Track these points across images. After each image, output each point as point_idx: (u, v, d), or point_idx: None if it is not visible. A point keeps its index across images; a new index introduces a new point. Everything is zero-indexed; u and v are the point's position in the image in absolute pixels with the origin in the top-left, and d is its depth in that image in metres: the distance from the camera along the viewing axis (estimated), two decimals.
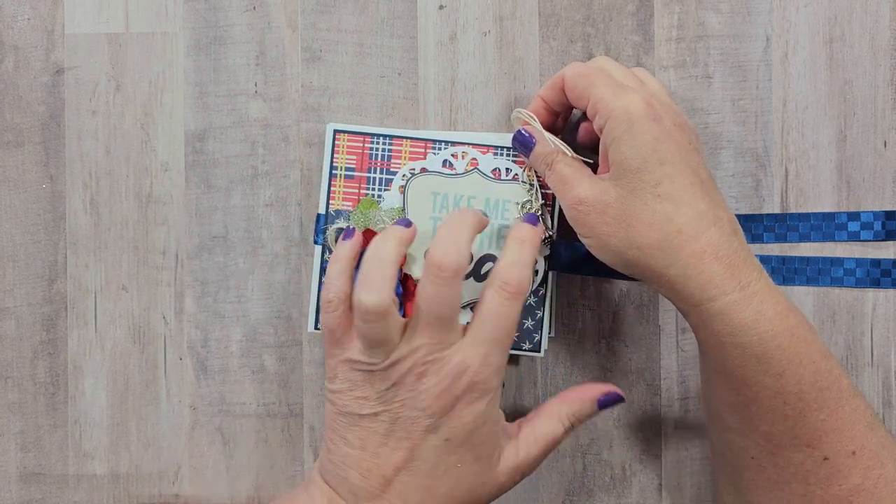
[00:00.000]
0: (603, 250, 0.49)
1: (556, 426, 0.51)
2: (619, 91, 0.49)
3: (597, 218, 0.48)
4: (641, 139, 0.47)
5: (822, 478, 0.47)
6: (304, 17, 0.59)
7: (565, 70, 0.52)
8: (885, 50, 0.59)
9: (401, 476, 0.47)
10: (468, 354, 0.47)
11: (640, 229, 0.47)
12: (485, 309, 0.48)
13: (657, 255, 0.47)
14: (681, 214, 0.47)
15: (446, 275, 0.46)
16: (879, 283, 0.58)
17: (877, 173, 0.59)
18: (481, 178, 0.56)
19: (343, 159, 0.57)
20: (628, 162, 0.47)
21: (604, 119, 0.48)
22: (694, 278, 0.46)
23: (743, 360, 0.46)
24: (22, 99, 0.59)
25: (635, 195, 0.47)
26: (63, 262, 0.59)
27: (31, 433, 0.60)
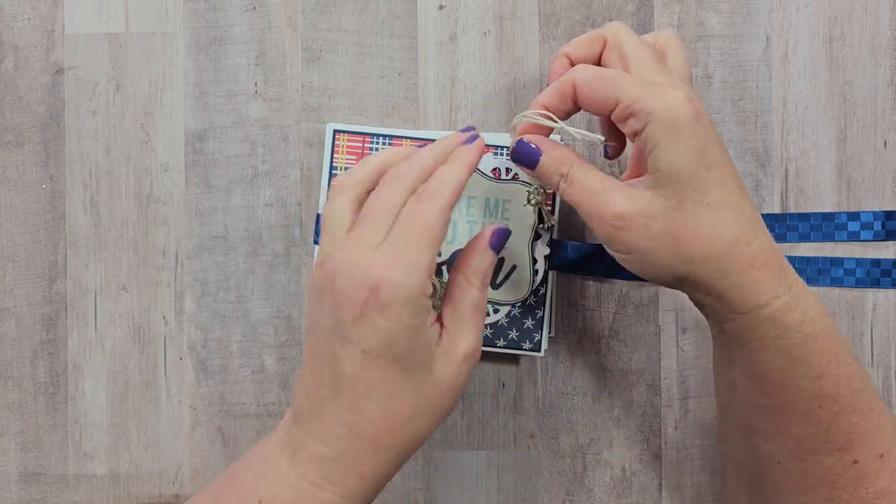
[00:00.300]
0: (645, 266, 0.45)
1: (472, 291, 0.46)
2: (655, 87, 0.44)
3: (638, 233, 0.44)
4: (688, 144, 0.43)
5: (850, 481, 0.46)
6: (304, 17, 0.59)
7: (575, 75, 0.47)
8: (885, 50, 0.59)
9: (330, 394, 0.44)
10: (376, 257, 0.42)
11: (692, 243, 0.44)
12: (401, 213, 0.44)
13: (712, 267, 0.44)
14: (735, 221, 0.44)
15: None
16: (879, 283, 0.58)
17: (877, 173, 0.59)
18: (481, 177, 0.56)
19: (343, 159, 0.57)
20: (675, 170, 0.43)
21: (642, 122, 0.44)
22: (748, 286, 0.44)
23: (785, 363, 0.45)
24: (22, 99, 0.59)
25: (684, 206, 0.44)
26: (63, 262, 0.59)
27: (31, 433, 0.60)
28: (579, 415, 0.59)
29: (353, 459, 0.44)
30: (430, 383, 0.44)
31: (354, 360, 0.43)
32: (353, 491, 0.44)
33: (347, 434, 0.43)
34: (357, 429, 0.43)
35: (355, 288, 0.42)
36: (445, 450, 0.59)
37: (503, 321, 0.57)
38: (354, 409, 0.43)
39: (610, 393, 0.59)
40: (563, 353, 0.59)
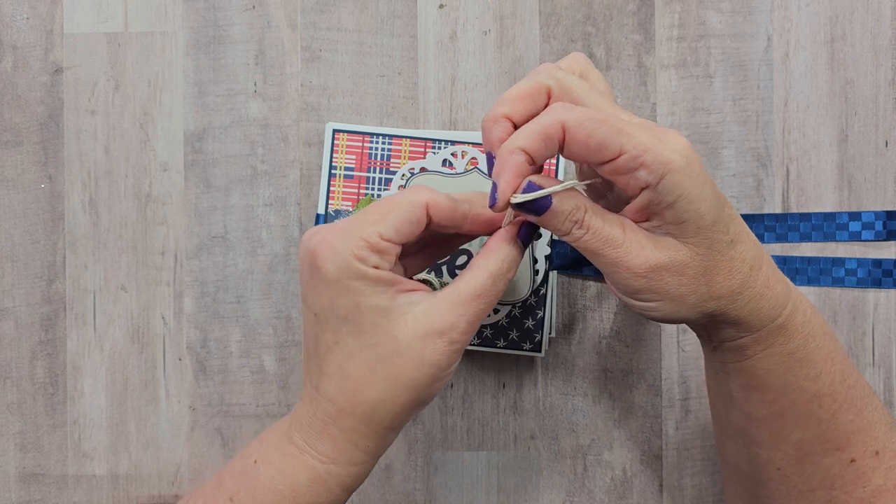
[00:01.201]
0: (673, 313, 0.44)
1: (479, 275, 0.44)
2: (659, 133, 0.41)
3: (673, 281, 0.42)
4: (708, 189, 0.41)
5: (848, 481, 0.47)
6: (303, 17, 0.59)
7: (563, 115, 0.41)
8: (886, 49, 0.59)
9: (306, 357, 0.46)
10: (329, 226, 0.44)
11: (719, 280, 0.43)
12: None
13: (737, 299, 0.44)
14: (749, 250, 0.44)
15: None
16: (881, 283, 0.58)
17: (878, 173, 0.58)
18: (481, 177, 0.56)
19: (342, 159, 0.57)
20: (703, 218, 0.41)
21: (657, 175, 0.40)
22: (765, 307, 0.44)
23: (787, 367, 0.45)
24: (21, 98, 0.59)
25: (714, 249, 0.42)
26: (62, 262, 0.59)
27: (30, 433, 0.59)
28: (580, 415, 0.59)
29: (321, 422, 0.44)
30: (391, 350, 0.43)
31: (311, 324, 0.44)
32: (327, 455, 0.44)
33: (316, 395, 0.44)
34: (321, 391, 0.44)
35: (303, 254, 0.44)
36: (445, 450, 0.59)
37: (503, 321, 0.57)
38: (318, 371, 0.44)
39: (610, 394, 0.59)
40: (564, 354, 0.59)
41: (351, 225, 0.43)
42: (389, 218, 0.43)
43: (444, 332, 0.43)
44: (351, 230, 0.42)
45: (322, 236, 0.43)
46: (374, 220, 0.43)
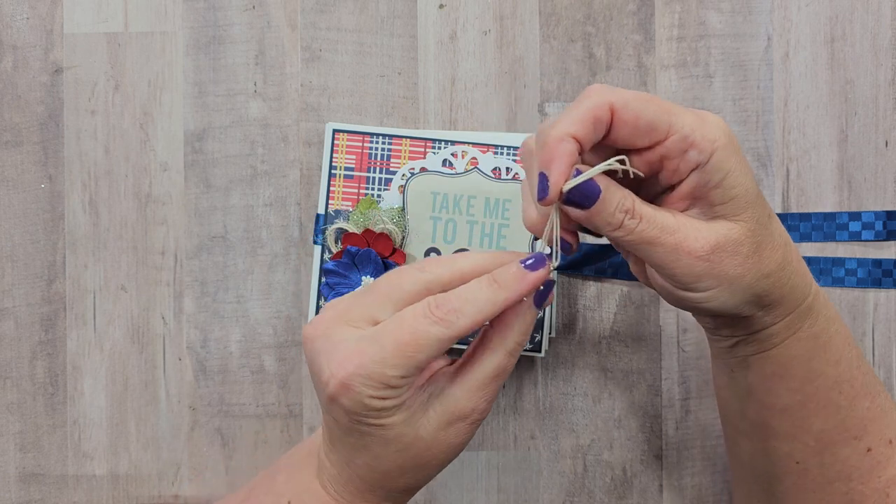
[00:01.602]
0: (729, 297, 0.42)
1: (498, 355, 0.43)
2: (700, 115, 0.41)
3: (731, 261, 0.41)
4: (748, 165, 0.41)
5: (864, 472, 0.47)
6: (303, 17, 0.59)
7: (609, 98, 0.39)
8: (886, 49, 0.59)
9: (330, 435, 0.45)
10: (340, 347, 0.42)
11: (767, 255, 0.42)
12: (399, 315, 0.42)
13: (781, 275, 0.43)
14: (779, 226, 0.44)
15: None
16: (881, 283, 0.58)
17: (878, 173, 0.58)
18: (481, 177, 0.56)
19: (342, 159, 0.57)
20: (749, 193, 0.41)
21: (706, 153, 0.40)
22: (798, 284, 0.44)
23: (813, 353, 0.45)
24: (21, 98, 0.59)
25: (760, 223, 0.42)
26: (62, 262, 0.59)
27: (30, 433, 0.59)
28: (580, 415, 0.59)
29: (357, 489, 0.45)
30: (417, 448, 0.44)
31: (335, 426, 0.44)
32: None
33: (348, 469, 0.45)
34: (353, 471, 0.45)
35: (320, 382, 0.42)
36: None
37: None
38: (347, 455, 0.45)
39: (610, 393, 0.59)
40: (564, 354, 0.59)
41: (370, 366, 0.41)
42: (413, 359, 0.41)
43: (467, 416, 0.44)
44: (370, 372, 0.41)
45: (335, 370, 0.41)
46: (396, 362, 0.41)
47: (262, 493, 0.48)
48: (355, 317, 0.42)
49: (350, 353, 0.41)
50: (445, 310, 0.41)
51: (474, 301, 0.41)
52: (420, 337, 0.40)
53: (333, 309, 0.44)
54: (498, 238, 0.56)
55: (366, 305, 0.43)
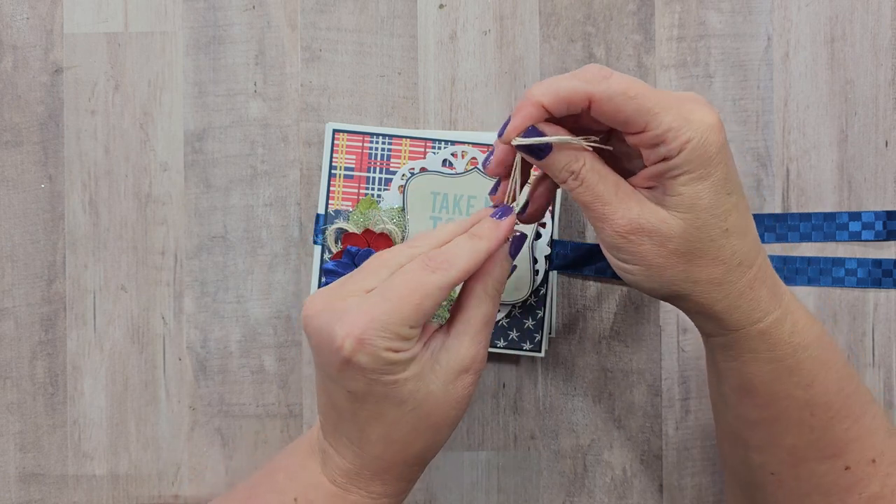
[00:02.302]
0: (648, 280, 0.44)
1: (487, 303, 0.46)
2: (686, 111, 0.42)
3: (652, 249, 0.43)
4: (717, 172, 0.42)
5: (843, 488, 0.47)
6: (303, 17, 0.59)
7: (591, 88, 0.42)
8: (886, 49, 0.58)
9: (338, 419, 0.45)
10: (349, 308, 0.43)
11: (701, 265, 0.43)
12: (398, 272, 0.44)
13: (713, 290, 0.44)
14: (743, 245, 0.44)
15: None
16: (881, 283, 0.58)
17: (878, 173, 0.58)
18: (481, 177, 0.56)
19: (342, 159, 0.57)
20: (700, 197, 0.42)
21: (675, 151, 0.42)
22: (743, 307, 0.44)
23: (775, 375, 0.45)
24: (21, 98, 0.59)
25: (701, 230, 0.43)
26: (62, 262, 0.59)
27: (30, 433, 0.59)
28: (580, 415, 0.59)
29: (371, 472, 0.46)
30: (429, 405, 0.45)
31: (345, 398, 0.44)
32: (379, 493, 0.46)
33: (361, 454, 0.45)
34: (366, 451, 0.45)
35: (331, 348, 0.43)
36: (445, 450, 0.59)
37: (503, 321, 0.57)
38: (360, 435, 0.45)
39: (610, 393, 0.59)
40: (564, 354, 0.59)
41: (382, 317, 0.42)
42: (420, 308, 0.43)
43: (469, 366, 0.45)
44: (384, 325, 0.42)
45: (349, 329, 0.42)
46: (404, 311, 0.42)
47: (265, 491, 0.47)
48: (353, 290, 0.44)
49: (360, 310, 0.42)
50: (439, 260, 0.43)
51: (462, 252, 0.44)
52: (422, 285, 0.42)
53: (328, 288, 0.45)
54: None
55: (360, 280, 0.44)
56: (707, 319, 0.45)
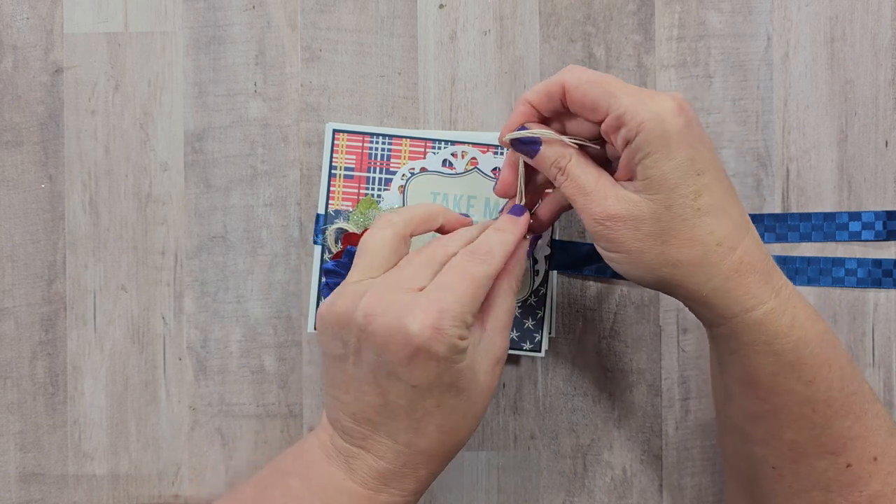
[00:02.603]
0: (632, 267, 0.46)
1: (510, 298, 0.49)
2: (645, 97, 0.45)
3: (628, 234, 0.45)
4: (679, 152, 0.44)
5: (844, 485, 0.47)
6: (303, 17, 0.59)
7: (564, 77, 0.46)
8: (886, 49, 0.59)
9: (382, 419, 0.46)
10: (417, 302, 0.44)
11: (677, 245, 0.45)
12: (449, 264, 0.46)
13: (695, 271, 0.45)
14: (721, 226, 0.45)
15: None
16: (881, 283, 0.58)
17: (878, 173, 0.58)
18: (481, 177, 0.56)
19: (342, 159, 0.57)
20: (665, 178, 0.44)
21: (632, 132, 0.44)
22: (732, 291, 0.45)
23: (776, 368, 0.45)
24: (21, 98, 0.59)
25: (672, 210, 0.44)
26: (62, 262, 0.59)
27: (30, 433, 0.59)
28: (580, 415, 0.59)
29: (411, 469, 0.47)
30: (476, 392, 0.47)
31: (406, 394, 0.45)
32: (410, 491, 0.47)
33: (406, 451, 0.46)
34: (416, 446, 0.46)
35: (404, 341, 0.44)
36: None
37: None
38: (412, 430, 0.46)
39: (610, 393, 0.59)
40: (564, 354, 0.59)
41: (451, 307, 0.44)
42: (476, 297, 0.46)
43: (501, 357, 0.48)
44: (454, 314, 0.44)
45: (424, 319, 0.44)
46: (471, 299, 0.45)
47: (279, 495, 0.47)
48: (405, 286, 0.45)
49: (431, 302, 0.44)
50: (482, 252, 0.46)
51: (496, 244, 0.47)
52: (477, 277, 0.45)
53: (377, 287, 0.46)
54: None
55: (410, 277, 0.46)
56: (701, 306, 0.46)
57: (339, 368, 0.47)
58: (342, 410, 0.47)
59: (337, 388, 0.47)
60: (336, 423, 0.48)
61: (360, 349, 0.45)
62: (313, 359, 0.59)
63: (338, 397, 0.47)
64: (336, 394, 0.47)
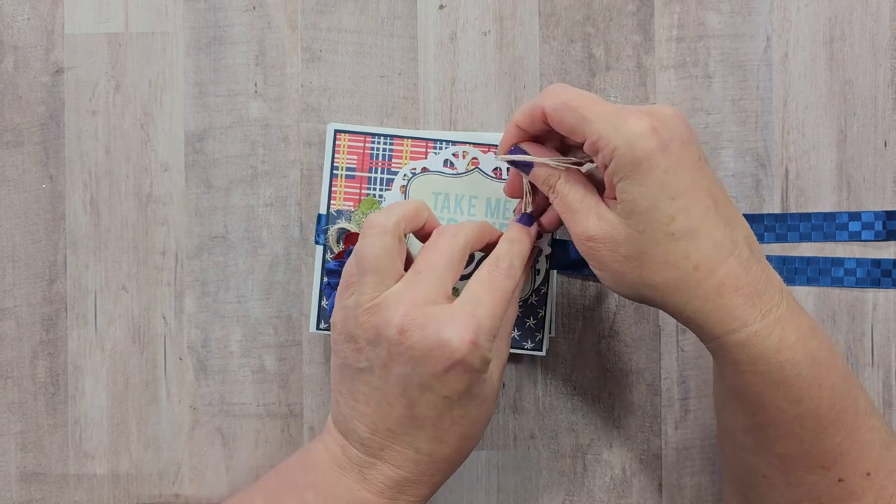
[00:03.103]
0: (616, 285, 0.47)
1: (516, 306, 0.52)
2: (618, 120, 0.45)
3: (608, 255, 0.46)
4: (650, 177, 0.44)
5: (836, 498, 0.47)
6: (304, 17, 0.59)
7: (543, 102, 0.47)
8: (885, 50, 0.59)
9: (406, 429, 0.47)
10: (454, 315, 0.45)
11: (653, 269, 0.45)
12: (475, 281, 0.48)
13: (673, 293, 0.45)
14: (697, 249, 0.44)
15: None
16: (880, 283, 0.58)
17: (877, 173, 0.59)
18: (482, 177, 0.56)
19: (344, 159, 0.57)
20: (637, 203, 0.44)
21: (607, 158, 0.45)
22: (713, 313, 0.45)
23: (762, 387, 0.45)
24: (21, 99, 0.59)
25: (646, 235, 0.45)
26: (63, 262, 0.59)
27: (31, 433, 0.59)
28: (579, 415, 0.59)
29: (428, 476, 0.48)
30: (492, 400, 0.49)
31: (435, 405, 0.46)
32: (424, 496, 0.48)
33: (427, 459, 0.47)
34: (437, 454, 0.47)
35: (442, 353, 0.45)
36: None
37: None
38: (436, 440, 0.47)
39: (610, 393, 0.59)
40: (563, 353, 0.59)
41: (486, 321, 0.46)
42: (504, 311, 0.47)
43: (504, 364, 0.51)
44: (489, 328, 0.46)
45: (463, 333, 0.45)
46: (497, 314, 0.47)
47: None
48: (435, 295, 0.47)
49: (467, 316, 0.45)
50: (504, 266, 0.48)
51: (516, 257, 0.49)
52: (504, 291, 0.47)
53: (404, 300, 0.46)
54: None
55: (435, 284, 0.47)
56: (687, 324, 0.46)
57: (361, 381, 0.47)
58: (360, 421, 0.47)
59: (355, 400, 0.48)
60: (350, 434, 0.48)
61: (389, 363, 0.46)
62: (314, 358, 0.59)
63: (355, 408, 0.48)
64: (353, 405, 0.48)
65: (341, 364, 0.48)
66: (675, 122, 0.46)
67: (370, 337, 0.46)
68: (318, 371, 0.59)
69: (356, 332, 0.47)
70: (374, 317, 0.46)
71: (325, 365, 0.59)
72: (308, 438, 0.59)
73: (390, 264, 0.47)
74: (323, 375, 0.59)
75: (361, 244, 0.48)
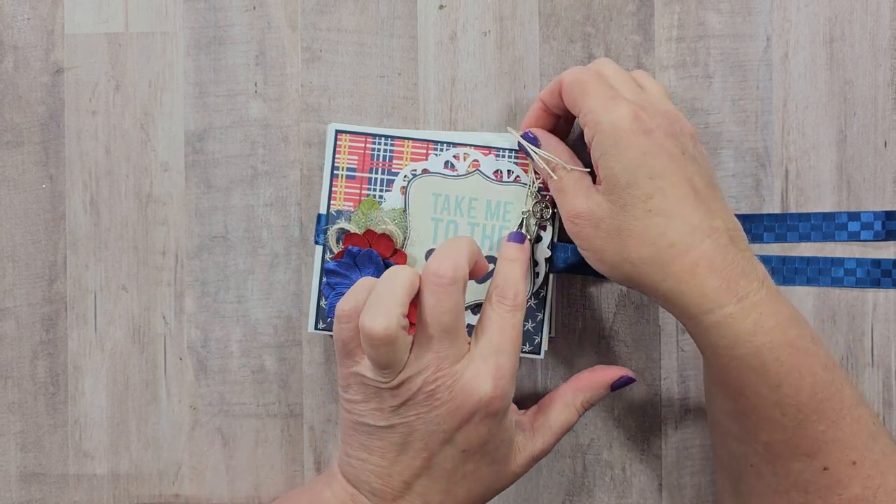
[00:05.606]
0: (599, 263, 0.49)
1: (571, 414, 0.52)
2: (610, 102, 0.48)
3: (592, 232, 0.49)
4: (629, 154, 0.47)
5: (822, 487, 0.47)
6: (304, 17, 0.59)
7: (564, 75, 0.51)
8: (885, 50, 0.59)
9: (420, 481, 0.48)
10: (479, 370, 0.47)
11: (632, 244, 0.47)
12: (487, 322, 0.49)
13: (650, 269, 0.47)
14: (672, 228, 0.47)
15: (444, 282, 0.46)
16: (880, 283, 0.58)
17: (877, 173, 0.59)
18: (483, 179, 0.56)
19: (344, 159, 0.57)
20: (617, 178, 0.47)
21: (592, 133, 0.48)
22: (687, 293, 0.46)
23: (740, 372, 0.46)
24: (21, 99, 0.59)
25: (626, 210, 0.47)
26: (63, 262, 0.59)
27: (31, 433, 0.60)
28: None
29: None
30: (505, 472, 0.50)
31: (453, 458, 0.48)
32: None
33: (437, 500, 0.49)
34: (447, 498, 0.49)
35: (474, 403, 0.47)
36: None
37: None
38: (445, 492, 0.49)
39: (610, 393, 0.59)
40: (563, 353, 0.59)
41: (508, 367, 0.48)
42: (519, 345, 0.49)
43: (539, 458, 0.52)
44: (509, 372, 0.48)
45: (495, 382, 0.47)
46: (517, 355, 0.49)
47: None
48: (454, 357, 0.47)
49: (493, 366, 0.47)
50: (511, 298, 0.49)
51: (518, 282, 0.50)
52: (516, 328, 0.49)
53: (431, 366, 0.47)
54: (499, 240, 0.56)
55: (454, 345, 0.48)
56: (664, 303, 0.48)
57: (378, 437, 0.48)
58: (374, 474, 0.48)
59: (369, 453, 0.49)
60: (363, 485, 0.49)
61: (415, 422, 0.47)
62: (313, 359, 0.59)
63: (368, 461, 0.49)
64: (367, 457, 0.49)
65: (356, 422, 0.49)
66: (664, 119, 0.49)
67: (397, 403, 0.47)
68: (318, 371, 0.59)
69: (384, 403, 0.48)
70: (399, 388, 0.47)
71: (324, 365, 0.59)
72: (308, 438, 0.60)
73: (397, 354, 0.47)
74: (323, 376, 0.59)
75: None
